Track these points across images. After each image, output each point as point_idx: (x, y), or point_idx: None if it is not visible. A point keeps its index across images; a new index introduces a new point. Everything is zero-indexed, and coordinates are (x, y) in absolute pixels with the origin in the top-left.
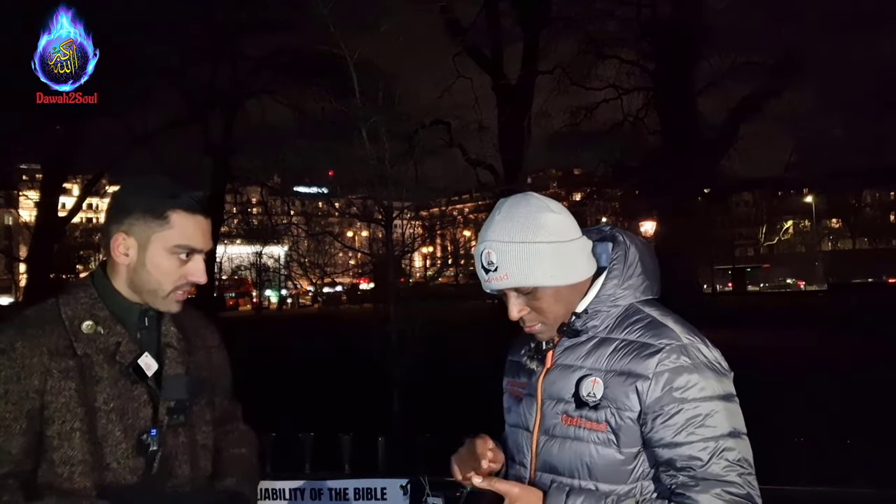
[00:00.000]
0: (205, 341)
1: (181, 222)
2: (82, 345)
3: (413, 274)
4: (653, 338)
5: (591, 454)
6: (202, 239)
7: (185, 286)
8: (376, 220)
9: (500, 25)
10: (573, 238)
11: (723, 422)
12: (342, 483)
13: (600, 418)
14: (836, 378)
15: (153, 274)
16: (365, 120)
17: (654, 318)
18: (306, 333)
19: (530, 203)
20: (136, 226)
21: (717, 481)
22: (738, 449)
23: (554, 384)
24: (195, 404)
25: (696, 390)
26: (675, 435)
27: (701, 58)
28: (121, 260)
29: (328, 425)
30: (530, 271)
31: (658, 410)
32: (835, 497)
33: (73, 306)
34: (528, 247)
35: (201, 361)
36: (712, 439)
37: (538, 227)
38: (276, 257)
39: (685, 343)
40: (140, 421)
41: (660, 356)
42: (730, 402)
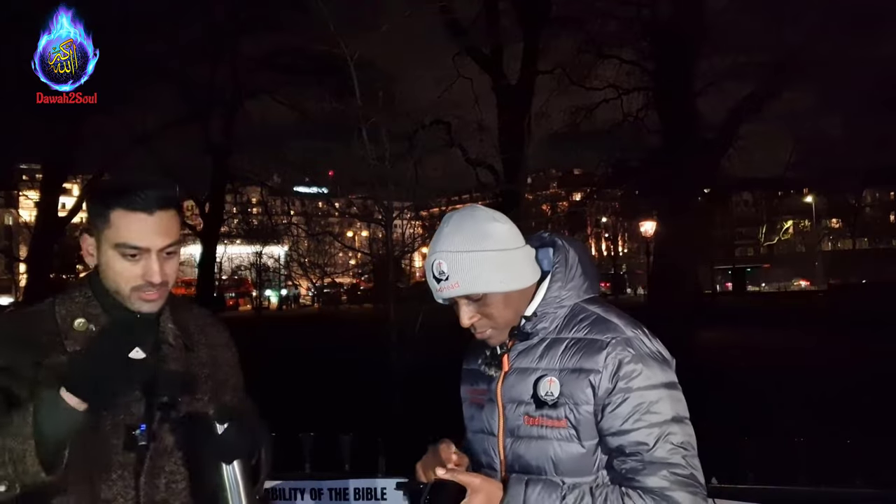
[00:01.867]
0: (210, 339)
1: (120, 221)
2: (72, 342)
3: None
4: (599, 333)
5: (556, 450)
6: (146, 237)
7: (144, 287)
8: (376, 220)
9: (500, 25)
10: (518, 246)
11: (666, 408)
12: (342, 483)
13: (560, 415)
14: (836, 378)
15: (109, 276)
16: (365, 120)
17: (599, 315)
18: (306, 333)
19: (476, 214)
20: (93, 226)
21: (663, 464)
22: (681, 433)
23: (513, 388)
24: (194, 401)
25: (641, 379)
26: (623, 422)
27: (701, 58)
28: (88, 260)
29: (328, 425)
30: (479, 278)
31: (607, 400)
32: (835, 497)
33: (68, 305)
34: (476, 255)
35: (203, 359)
36: (657, 425)
37: (485, 237)
38: (276, 257)
39: (629, 336)
40: (131, 417)
41: (607, 349)
42: (673, 390)
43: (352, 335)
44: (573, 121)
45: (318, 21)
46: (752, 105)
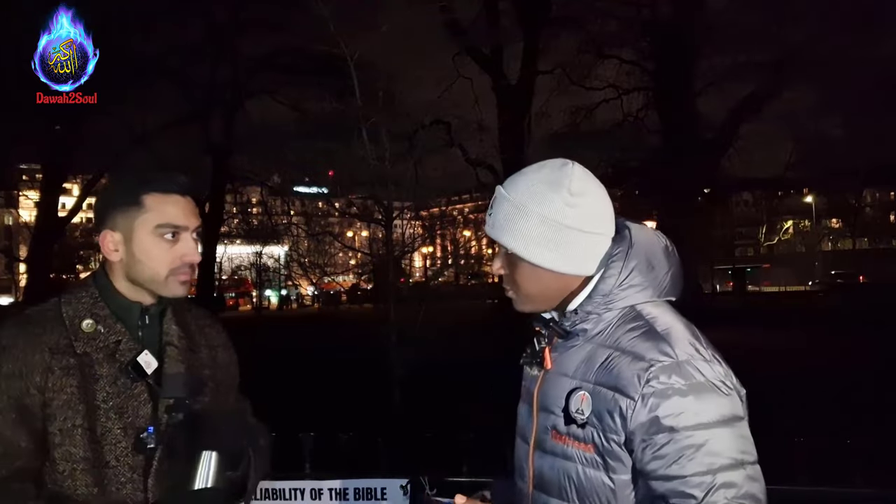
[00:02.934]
0: (209, 340)
1: (158, 204)
2: (82, 343)
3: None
4: (646, 350)
5: (579, 475)
6: (184, 217)
7: (181, 268)
8: (376, 220)
9: (500, 25)
10: (582, 229)
11: (722, 451)
12: (342, 483)
13: (587, 438)
14: (836, 378)
15: (145, 262)
16: (365, 120)
17: (652, 327)
18: (306, 334)
19: (559, 176)
20: (119, 220)
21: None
22: (741, 483)
23: (547, 394)
24: (197, 402)
25: (689, 416)
26: (667, 468)
27: (701, 58)
28: (112, 257)
29: (328, 425)
30: (510, 234)
31: (647, 440)
32: (835, 497)
33: (74, 305)
34: (520, 210)
35: (204, 360)
36: (709, 473)
37: (543, 199)
38: (276, 257)
39: (680, 360)
40: (139, 419)
41: (648, 374)
42: (732, 427)
43: (352, 335)
44: (573, 121)
45: (318, 21)
46: (752, 105)
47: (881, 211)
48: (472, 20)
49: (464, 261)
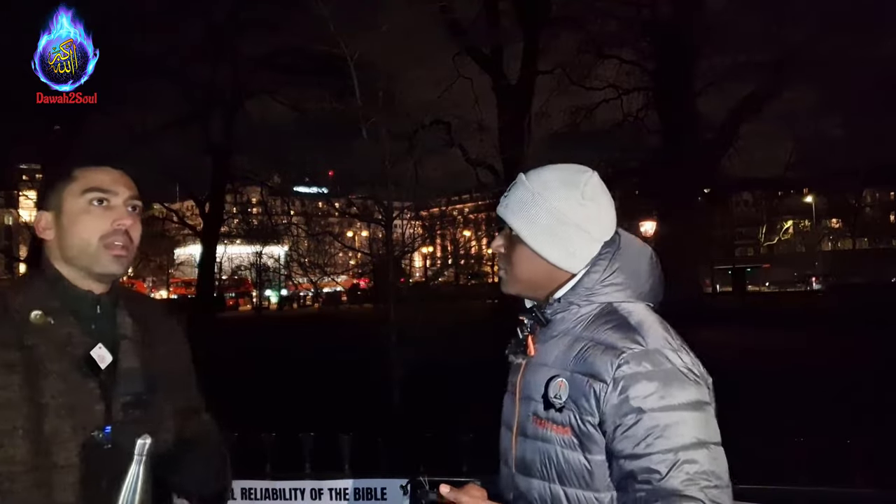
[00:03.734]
0: (166, 334)
1: (86, 174)
2: (31, 336)
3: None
4: (618, 339)
5: (558, 456)
6: (113, 183)
7: (112, 237)
8: (376, 220)
9: (500, 25)
10: (584, 229)
11: (685, 432)
12: (342, 483)
13: (565, 422)
14: (836, 378)
15: (75, 232)
16: (365, 120)
17: (626, 320)
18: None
19: (578, 179)
20: (50, 198)
21: (675, 496)
22: (702, 461)
23: (529, 384)
24: (154, 399)
25: (655, 399)
26: (635, 446)
27: (701, 58)
28: (46, 235)
29: (328, 425)
30: (520, 217)
31: (618, 421)
32: (835, 497)
33: (23, 297)
34: (535, 198)
35: (161, 354)
36: (671, 451)
37: (558, 194)
38: (276, 257)
39: (649, 348)
40: (92, 417)
41: (619, 360)
42: (696, 411)
43: (352, 335)
44: (573, 121)
45: (318, 21)
46: (752, 105)
47: (881, 211)
48: (472, 20)
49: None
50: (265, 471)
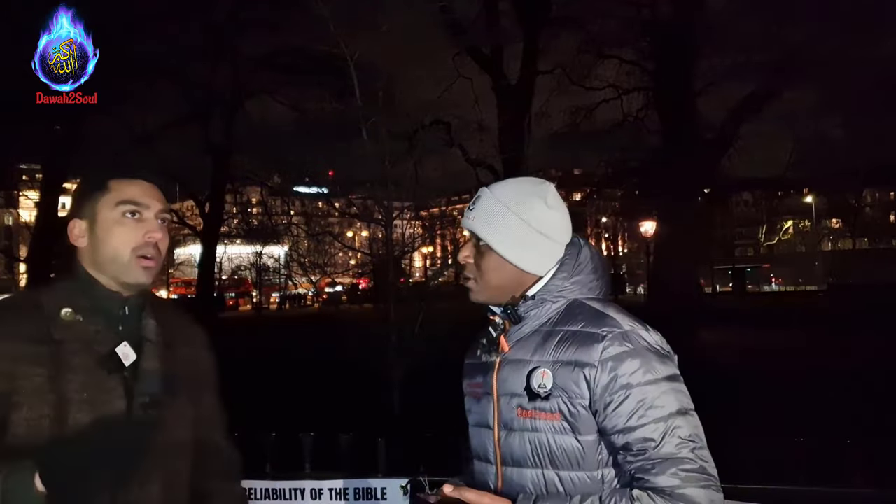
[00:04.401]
0: (188, 340)
1: (120, 185)
2: (60, 331)
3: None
4: (595, 327)
5: (550, 443)
6: (144, 196)
7: (144, 248)
8: (376, 220)
9: (500, 25)
10: (548, 236)
11: (670, 401)
12: (342, 483)
13: (553, 408)
14: (837, 378)
15: (108, 242)
16: (365, 120)
17: (596, 309)
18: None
19: (541, 189)
20: (85, 207)
21: (672, 460)
22: (687, 426)
23: (506, 381)
24: (172, 402)
25: (641, 374)
26: (627, 420)
27: (701, 58)
28: (79, 243)
29: (328, 425)
30: (493, 229)
31: (608, 399)
32: (835, 497)
33: (53, 295)
34: (504, 210)
35: (182, 358)
36: (662, 420)
37: (527, 206)
38: (276, 257)
39: (626, 330)
40: (113, 413)
41: (603, 343)
42: (675, 382)
43: (352, 335)
44: (573, 121)
45: (318, 21)
46: (752, 105)
47: (881, 211)
48: (472, 20)
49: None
50: (265, 471)
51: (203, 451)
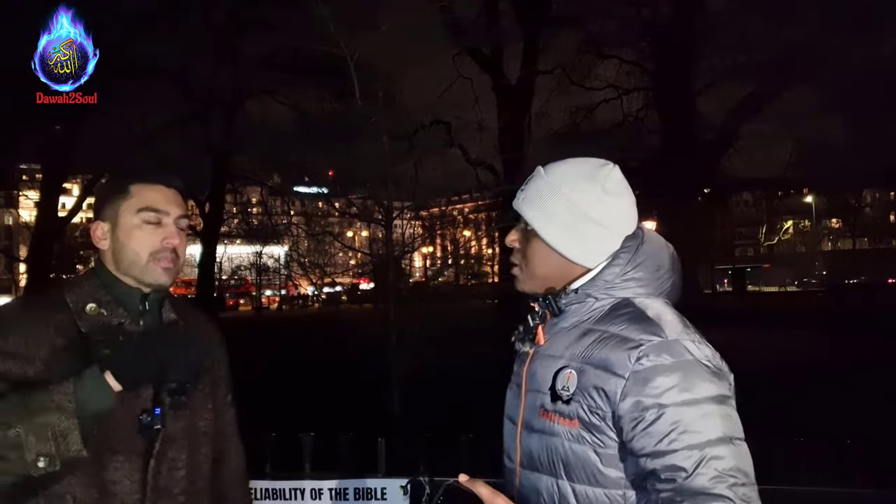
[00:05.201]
0: (207, 334)
1: (142, 191)
2: (85, 324)
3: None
4: (635, 332)
5: (566, 450)
6: (165, 202)
7: (163, 252)
8: (376, 220)
9: (500, 25)
10: (603, 224)
11: (711, 427)
12: (342, 483)
13: (572, 414)
14: (836, 378)
15: (129, 245)
16: (365, 120)
17: (642, 312)
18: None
19: (603, 172)
20: (107, 210)
21: (703, 495)
22: (729, 457)
23: (535, 375)
24: (196, 390)
25: (677, 392)
26: (658, 443)
27: (701, 58)
28: (101, 245)
29: (328, 425)
30: (536, 210)
31: (637, 416)
32: (835, 497)
33: (77, 292)
34: (555, 192)
35: (202, 349)
36: (697, 447)
37: (582, 191)
38: (276, 257)
39: (669, 339)
40: (140, 401)
41: (638, 353)
42: (721, 405)
43: (352, 335)
44: (573, 121)
45: (318, 21)
46: (752, 105)
47: (881, 211)
48: (472, 20)
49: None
50: (265, 471)
51: (219, 445)
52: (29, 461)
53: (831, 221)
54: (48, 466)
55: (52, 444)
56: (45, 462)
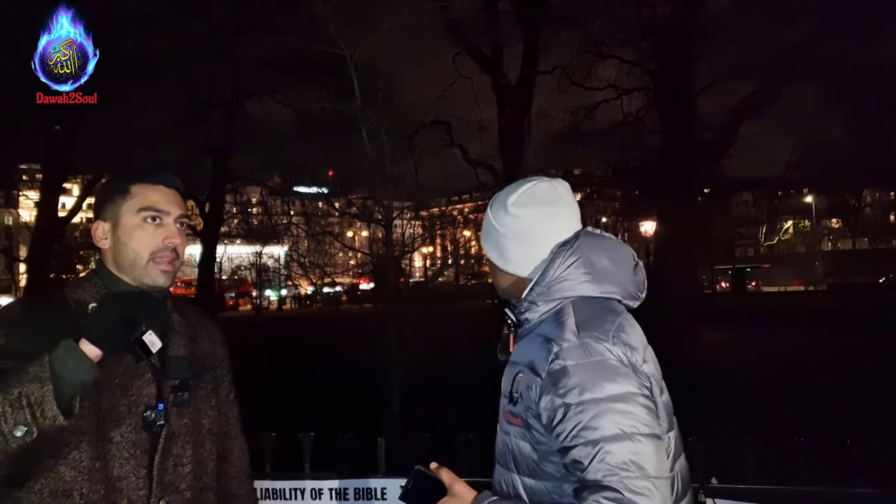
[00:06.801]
0: (209, 333)
1: (142, 191)
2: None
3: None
4: (555, 334)
5: (514, 447)
6: (165, 202)
7: (163, 252)
8: (376, 220)
9: (500, 25)
10: (519, 238)
11: (608, 424)
12: (342, 483)
13: (518, 413)
14: (837, 378)
15: (129, 245)
16: (365, 120)
17: (571, 314)
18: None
19: (508, 191)
20: (108, 209)
21: (596, 487)
22: (622, 452)
23: (504, 381)
24: (199, 387)
25: (577, 392)
26: (564, 440)
27: (701, 58)
28: (102, 244)
29: (328, 425)
30: (482, 236)
31: (550, 414)
32: (835, 497)
33: (80, 293)
34: (486, 218)
35: (205, 348)
36: (591, 443)
37: (494, 209)
38: (276, 257)
39: (576, 343)
40: (143, 397)
41: (552, 354)
42: (622, 403)
43: (352, 335)
44: (573, 121)
45: (318, 21)
46: (752, 105)
47: (881, 211)
48: (472, 20)
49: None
50: (265, 471)
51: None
52: (6, 431)
53: (831, 221)
54: (26, 436)
55: (27, 411)
56: (23, 431)
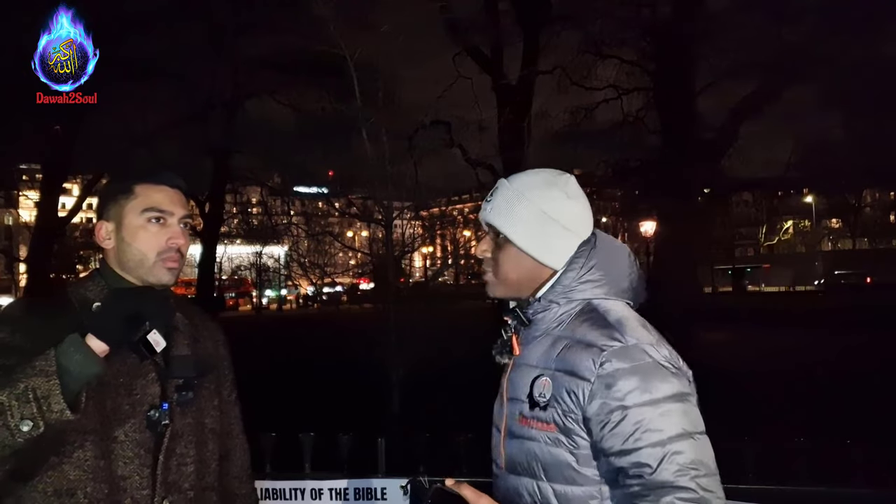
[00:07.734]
0: (211, 333)
1: (146, 191)
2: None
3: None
4: (598, 337)
5: (543, 453)
6: (169, 203)
7: (168, 252)
8: (376, 220)
9: (500, 25)
10: (567, 227)
11: (670, 424)
12: (342, 483)
13: (549, 419)
14: (837, 378)
15: (134, 245)
16: (365, 120)
17: (604, 317)
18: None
19: (562, 180)
20: (111, 210)
21: (669, 488)
22: (689, 451)
23: (514, 384)
24: (202, 387)
25: (638, 394)
26: (624, 442)
27: (701, 58)
28: (106, 245)
29: (328, 425)
30: (507, 218)
31: (604, 418)
32: (835, 497)
33: (83, 293)
34: (523, 199)
35: (207, 348)
36: (659, 444)
37: (547, 197)
38: (276, 257)
39: (629, 344)
40: (147, 397)
41: (601, 358)
42: (679, 403)
43: (352, 335)
44: (573, 121)
45: (318, 21)
46: (752, 105)
47: (881, 211)
48: (472, 20)
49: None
50: (265, 471)
51: (225, 442)
52: (13, 425)
53: (831, 221)
54: (32, 430)
55: (33, 405)
56: (30, 426)
